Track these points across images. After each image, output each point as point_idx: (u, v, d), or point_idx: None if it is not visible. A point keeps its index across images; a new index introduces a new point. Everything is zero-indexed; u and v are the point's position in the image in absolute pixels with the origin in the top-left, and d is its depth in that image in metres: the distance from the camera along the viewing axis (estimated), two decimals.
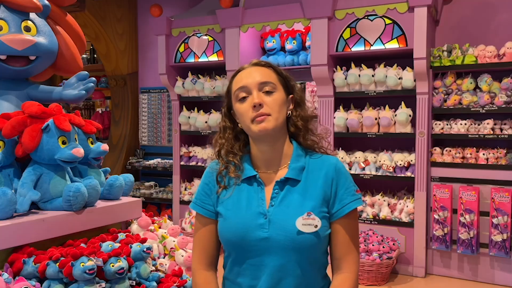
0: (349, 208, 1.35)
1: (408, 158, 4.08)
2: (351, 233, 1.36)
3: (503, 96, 3.75)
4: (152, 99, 5.95)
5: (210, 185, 1.44)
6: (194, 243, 1.47)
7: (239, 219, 1.35)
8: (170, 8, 5.56)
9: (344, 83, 4.22)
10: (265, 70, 1.37)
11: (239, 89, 1.35)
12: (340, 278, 1.35)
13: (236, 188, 1.39)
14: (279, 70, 1.41)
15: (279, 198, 1.35)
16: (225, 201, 1.39)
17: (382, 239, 3.93)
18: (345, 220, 1.35)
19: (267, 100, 1.32)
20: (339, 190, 1.36)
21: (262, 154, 1.39)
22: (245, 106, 1.34)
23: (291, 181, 1.36)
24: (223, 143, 1.43)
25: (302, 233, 1.29)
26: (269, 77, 1.36)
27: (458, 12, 4.26)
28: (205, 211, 1.43)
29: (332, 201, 1.35)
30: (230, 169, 1.40)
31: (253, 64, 1.40)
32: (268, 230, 1.31)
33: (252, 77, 1.35)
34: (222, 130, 1.45)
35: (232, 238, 1.35)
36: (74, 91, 2.22)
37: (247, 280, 1.36)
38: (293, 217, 1.31)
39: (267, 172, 1.39)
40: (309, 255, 1.33)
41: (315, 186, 1.35)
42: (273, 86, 1.35)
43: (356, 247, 1.37)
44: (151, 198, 5.55)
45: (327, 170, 1.37)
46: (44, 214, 1.89)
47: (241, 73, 1.39)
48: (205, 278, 1.43)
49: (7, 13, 2.04)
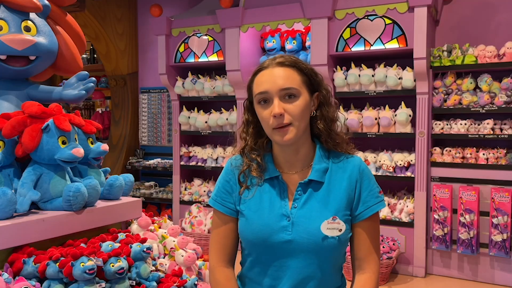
0: (372, 211, 1.35)
1: (408, 158, 4.08)
2: (373, 235, 1.36)
3: (503, 96, 3.75)
4: (152, 99, 5.95)
5: (231, 182, 1.42)
6: (212, 240, 1.45)
7: (262, 221, 1.33)
8: (170, 8, 5.56)
9: (344, 83, 4.22)
10: (288, 72, 1.30)
11: (259, 94, 1.30)
12: (362, 279, 1.35)
13: (258, 188, 1.37)
14: (304, 67, 1.33)
15: (302, 200, 1.34)
16: (247, 201, 1.37)
17: (382, 239, 3.93)
18: (367, 222, 1.35)
19: (288, 108, 1.27)
20: (363, 192, 1.35)
21: (284, 155, 1.37)
22: (266, 113, 1.29)
23: (314, 183, 1.34)
24: (246, 138, 1.40)
25: (326, 237, 1.29)
26: (292, 81, 1.29)
27: (458, 12, 4.26)
28: (225, 209, 1.41)
29: (355, 203, 1.34)
30: (252, 168, 1.37)
31: (277, 63, 1.32)
32: (291, 233, 1.30)
33: (274, 82, 1.28)
34: (246, 124, 1.42)
35: (254, 239, 1.34)
36: (74, 91, 2.22)
37: (268, 280, 1.35)
38: (317, 221, 1.30)
39: (290, 172, 1.38)
40: (330, 257, 1.33)
41: (339, 189, 1.34)
42: (295, 90, 1.28)
43: (377, 249, 1.37)
44: (151, 198, 5.55)
45: (351, 171, 1.35)
46: (44, 214, 1.89)
47: (263, 73, 1.32)
48: (226, 275, 1.41)
49: (7, 13, 2.04)
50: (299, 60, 1.34)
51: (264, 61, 1.36)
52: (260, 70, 1.34)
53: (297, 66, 1.32)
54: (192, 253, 2.28)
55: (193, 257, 2.25)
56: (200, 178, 5.27)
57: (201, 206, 4.80)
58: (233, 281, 1.41)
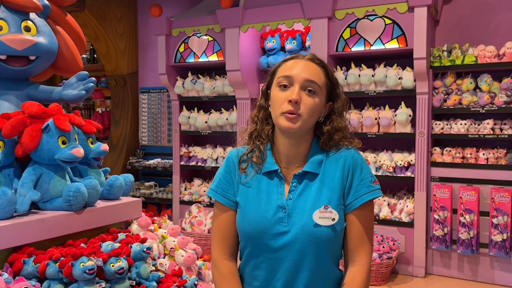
0: (362, 200, 1.34)
1: (408, 158, 4.08)
2: (365, 225, 1.35)
3: (503, 96, 3.75)
4: (152, 99, 5.95)
5: (232, 174, 1.43)
6: (214, 232, 1.45)
7: (258, 213, 1.35)
8: (170, 8, 5.56)
9: (344, 83, 4.22)
10: (317, 69, 1.35)
11: (283, 77, 1.33)
12: (353, 271, 1.34)
13: (256, 180, 1.39)
14: (331, 74, 1.39)
15: (297, 192, 1.35)
16: (245, 192, 1.39)
17: (382, 239, 3.93)
18: (359, 212, 1.35)
19: (305, 100, 1.31)
20: (354, 181, 1.35)
21: (284, 148, 1.39)
22: (282, 96, 1.32)
23: (309, 174, 1.36)
24: (257, 123, 1.43)
25: (318, 226, 1.29)
26: (318, 77, 1.33)
27: (458, 12, 4.26)
28: (226, 200, 1.42)
29: (347, 192, 1.35)
30: (254, 154, 1.40)
31: (308, 58, 1.37)
32: (287, 225, 1.32)
33: (301, 71, 1.32)
34: (258, 109, 1.45)
35: (251, 231, 1.35)
36: (74, 91, 2.22)
37: (264, 274, 1.35)
38: (310, 210, 1.31)
39: (288, 167, 1.39)
40: (326, 248, 1.32)
41: (333, 178, 1.35)
42: (317, 87, 1.32)
43: (369, 240, 1.36)
44: (151, 198, 5.55)
45: (344, 161, 1.37)
46: (44, 214, 1.89)
47: (292, 61, 1.36)
48: (230, 269, 1.41)
49: (7, 13, 2.04)
50: (328, 65, 1.40)
51: (295, 54, 1.41)
52: (290, 58, 1.39)
53: (326, 69, 1.38)
54: (192, 253, 2.28)
55: (193, 257, 2.25)
56: (200, 178, 5.27)
57: (201, 206, 4.80)
58: (237, 275, 1.41)
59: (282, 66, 1.38)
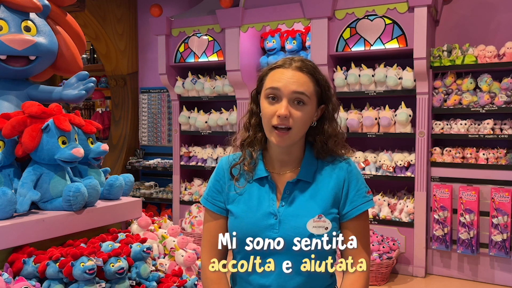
0: (359, 210, 1.36)
1: (408, 158, 4.08)
2: (361, 234, 1.36)
3: (503, 96, 3.75)
4: (152, 99, 5.95)
5: (221, 182, 1.44)
6: (204, 238, 1.47)
7: (249, 219, 1.36)
8: (170, 8, 5.56)
9: (344, 83, 4.22)
10: (305, 78, 1.31)
11: (271, 88, 1.31)
12: (351, 278, 1.35)
13: (248, 186, 1.39)
14: (321, 79, 1.35)
15: (289, 199, 1.36)
16: (236, 200, 1.40)
17: (382, 239, 3.93)
18: (355, 222, 1.37)
19: (294, 114, 1.29)
20: (350, 192, 1.37)
21: (276, 155, 1.39)
22: (271, 109, 1.31)
23: (302, 182, 1.37)
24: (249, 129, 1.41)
25: (312, 235, 1.30)
26: (306, 87, 1.31)
27: (458, 12, 4.26)
28: (216, 208, 1.43)
29: (343, 202, 1.36)
30: (246, 162, 1.39)
31: (296, 67, 1.32)
32: (278, 231, 1.32)
33: (289, 83, 1.29)
34: (250, 115, 1.43)
35: (242, 238, 1.34)
36: (74, 91, 2.22)
37: (257, 278, 1.37)
38: (303, 219, 1.31)
39: (280, 173, 1.40)
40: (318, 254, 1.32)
41: (326, 188, 1.36)
42: (306, 98, 1.30)
43: (366, 248, 1.38)
44: (151, 198, 5.55)
45: (339, 171, 1.37)
46: (44, 214, 1.89)
47: (280, 71, 1.33)
48: (217, 274, 1.42)
49: (7, 13, 2.04)
50: (318, 69, 1.36)
51: (284, 58, 1.37)
52: (277, 67, 1.36)
53: (314, 76, 1.34)
54: (192, 253, 2.28)
55: (193, 257, 2.25)
56: (200, 178, 5.27)
57: (201, 206, 4.80)
58: (224, 280, 1.43)
59: (269, 75, 1.35)
